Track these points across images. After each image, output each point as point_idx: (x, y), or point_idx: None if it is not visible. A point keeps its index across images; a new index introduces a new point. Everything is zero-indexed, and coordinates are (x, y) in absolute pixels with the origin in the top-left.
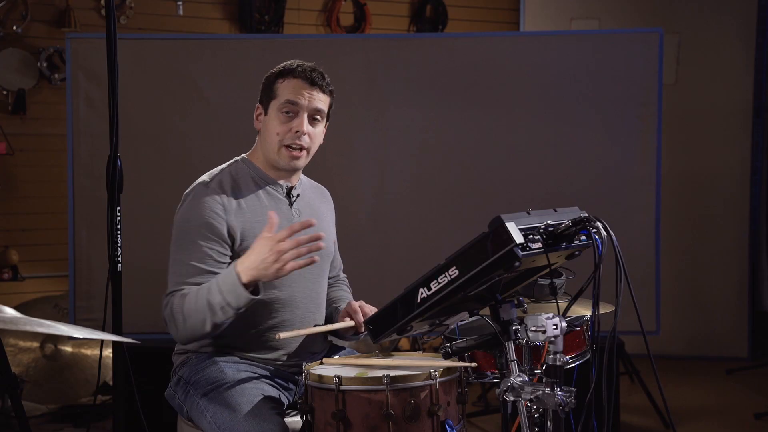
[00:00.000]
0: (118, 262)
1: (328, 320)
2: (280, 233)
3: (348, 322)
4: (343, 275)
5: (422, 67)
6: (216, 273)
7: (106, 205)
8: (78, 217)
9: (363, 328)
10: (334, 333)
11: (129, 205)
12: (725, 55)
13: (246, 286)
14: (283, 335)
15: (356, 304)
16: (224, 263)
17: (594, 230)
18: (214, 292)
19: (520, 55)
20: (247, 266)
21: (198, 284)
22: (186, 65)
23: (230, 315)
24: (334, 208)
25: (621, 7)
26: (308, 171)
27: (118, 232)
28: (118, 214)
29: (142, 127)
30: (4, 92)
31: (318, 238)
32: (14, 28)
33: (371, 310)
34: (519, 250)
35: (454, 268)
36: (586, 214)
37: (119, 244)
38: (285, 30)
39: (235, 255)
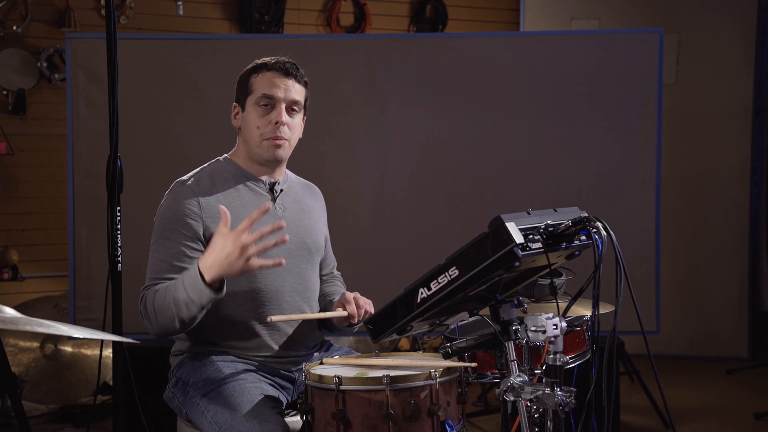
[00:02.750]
0: (118, 262)
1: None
2: (239, 226)
3: (341, 312)
4: (336, 272)
5: (422, 67)
6: (185, 268)
7: (106, 205)
8: (78, 217)
9: (357, 319)
10: (328, 323)
11: (129, 205)
12: (725, 55)
13: (210, 284)
14: (274, 318)
15: (350, 295)
16: (196, 258)
17: (594, 230)
18: (180, 289)
19: (520, 55)
20: (210, 264)
21: (171, 280)
22: (186, 65)
23: (195, 312)
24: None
25: (621, 7)
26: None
27: (118, 232)
28: (118, 214)
29: (142, 127)
30: (4, 92)
31: (280, 228)
32: (14, 28)
33: (365, 301)
34: (519, 250)
35: (454, 268)
36: (586, 214)
37: (119, 244)
38: (285, 30)
39: None
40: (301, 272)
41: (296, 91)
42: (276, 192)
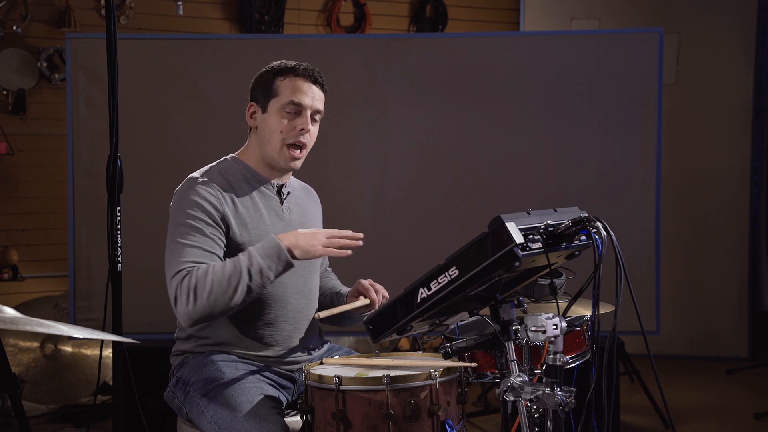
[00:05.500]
0: (118, 262)
1: (332, 306)
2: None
3: (363, 300)
4: (328, 269)
5: (422, 67)
6: (218, 256)
7: (106, 205)
8: (78, 217)
9: (378, 304)
10: (341, 314)
11: (129, 205)
12: (725, 56)
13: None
14: (322, 314)
15: (367, 282)
16: (223, 248)
17: (594, 230)
18: (252, 257)
19: (520, 55)
20: (291, 235)
21: (205, 264)
22: (186, 65)
23: (267, 279)
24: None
25: (621, 7)
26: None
27: (118, 232)
28: (118, 214)
29: (142, 127)
30: (4, 92)
31: (359, 238)
32: (14, 28)
33: (380, 287)
34: (519, 250)
35: (454, 268)
36: (586, 214)
37: (119, 244)
38: (285, 30)
39: (229, 245)
40: (305, 274)
41: (320, 100)
42: (283, 195)
